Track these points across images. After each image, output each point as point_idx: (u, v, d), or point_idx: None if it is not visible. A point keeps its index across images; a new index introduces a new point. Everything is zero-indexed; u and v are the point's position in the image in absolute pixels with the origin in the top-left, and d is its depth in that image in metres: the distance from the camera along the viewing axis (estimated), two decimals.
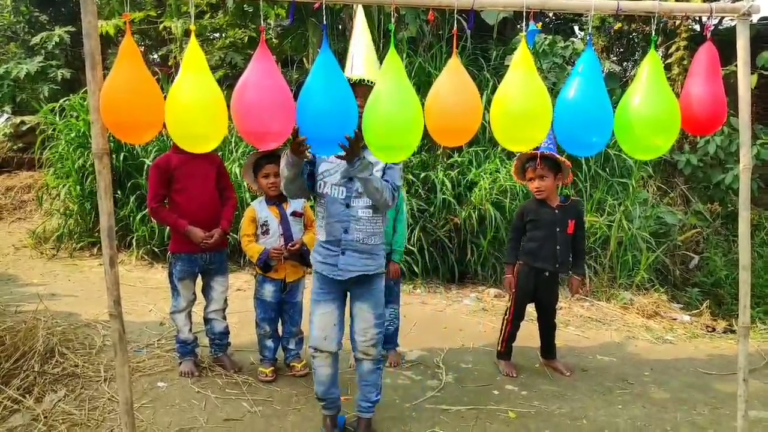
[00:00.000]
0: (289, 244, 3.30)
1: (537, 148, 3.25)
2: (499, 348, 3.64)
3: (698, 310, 4.95)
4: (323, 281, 2.64)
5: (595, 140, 2.31)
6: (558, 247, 3.40)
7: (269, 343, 3.41)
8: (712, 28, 2.60)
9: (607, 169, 5.77)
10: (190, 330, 3.39)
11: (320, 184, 2.60)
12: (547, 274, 3.45)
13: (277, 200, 3.33)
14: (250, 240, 3.33)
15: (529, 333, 3.77)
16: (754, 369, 3.64)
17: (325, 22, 2.19)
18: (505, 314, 3.60)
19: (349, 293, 2.69)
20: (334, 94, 2.16)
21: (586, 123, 2.27)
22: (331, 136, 2.22)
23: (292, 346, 3.51)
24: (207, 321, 3.46)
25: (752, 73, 5.74)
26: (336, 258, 2.58)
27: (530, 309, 3.66)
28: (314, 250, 2.69)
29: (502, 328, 3.61)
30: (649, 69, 2.36)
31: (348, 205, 2.56)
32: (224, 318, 3.48)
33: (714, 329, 4.57)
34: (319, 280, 2.65)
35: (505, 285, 3.58)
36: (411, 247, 5.25)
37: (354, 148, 2.32)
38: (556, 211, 3.40)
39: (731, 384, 3.32)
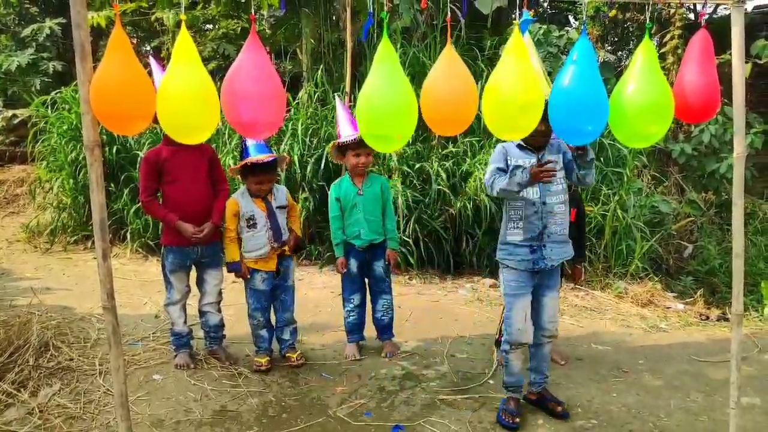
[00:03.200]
0: (288, 245, 3.34)
1: None
2: (497, 336, 3.65)
3: (692, 299, 4.98)
4: (521, 276, 2.84)
5: (590, 129, 2.30)
6: None
7: (263, 332, 3.41)
8: (706, 15, 2.59)
9: (602, 159, 5.77)
10: (185, 322, 3.38)
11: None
12: None
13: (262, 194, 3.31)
14: (232, 239, 3.29)
15: None
16: (747, 356, 3.66)
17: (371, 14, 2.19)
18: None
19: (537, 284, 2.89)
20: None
21: (582, 111, 2.27)
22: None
23: (286, 336, 3.52)
24: (201, 314, 3.45)
25: (746, 62, 5.74)
26: (539, 251, 2.79)
27: None
28: (508, 252, 2.85)
29: (502, 318, 3.62)
30: (643, 57, 2.35)
31: (544, 203, 2.78)
32: (219, 311, 3.47)
33: (708, 317, 4.59)
34: (515, 275, 2.84)
35: None
36: (406, 238, 5.25)
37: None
38: None
39: (724, 371, 3.35)
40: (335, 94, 5.56)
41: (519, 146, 2.84)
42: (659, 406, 3.09)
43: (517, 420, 2.86)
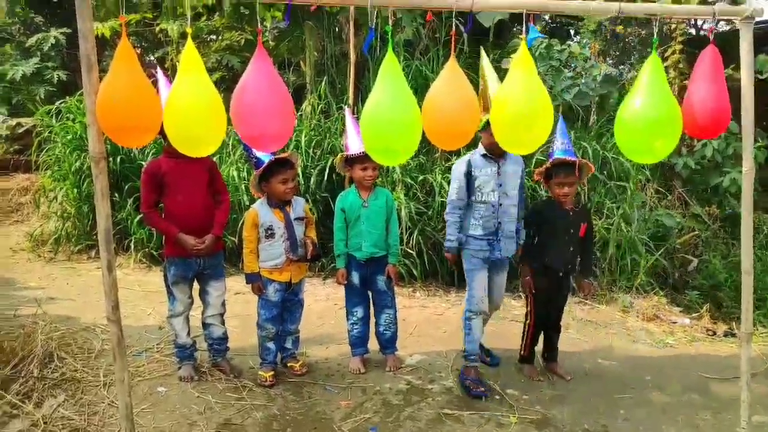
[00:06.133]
0: (309, 253, 3.35)
1: (562, 153, 3.29)
2: (522, 352, 3.64)
3: (698, 313, 4.95)
4: (479, 260, 3.41)
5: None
6: (570, 248, 3.41)
7: (271, 345, 3.39)
8: (714, 30, 2.60)
9: (605, 173, 5.77)
10: (188, 334, 3.36)
11: (479, 194, 3.36)
12: (560, 274, 3.45)
13: (281, 203, 3.31)
14: (252, 250, 3.30)
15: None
16: (756, 373, 3.62)
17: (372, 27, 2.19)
18: (526, 319, 3.60)
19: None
20: None
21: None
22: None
23: (289, 345, 3.51)
24: (205, 326, 3.43)
25: None
26: (494, 244, 3.38)
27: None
28: (469, 242, 3.40)
29: (524, 333, 3.61)
30: (650, 71, 2.35)
31: (500, 204, 3.36)
32: (222, 323, 3.46)
33: (714, 332, 4.56)
34: (474, 258, 3.41)
35: (524, 285, 3.54)
36: (410, 251, 5.24)
37: None
38: (571, 213, 3.40)
39: (733, 387, 3.32)
40: (344, 105, 5.56)
41: (483, 155, 3.39)
42: (667, 423, 3.06)
43: (482, 389, 3.32)
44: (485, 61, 3.29)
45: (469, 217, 3.40)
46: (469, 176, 3.36)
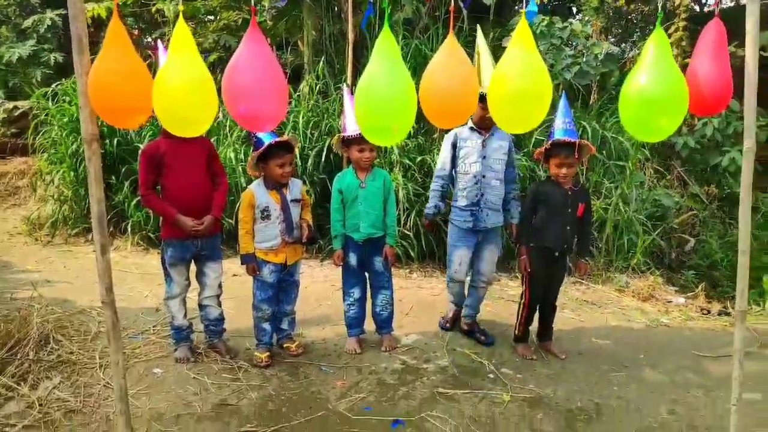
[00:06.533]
0: (305, 236, 3.35)
1: (563, 133, 3.25)
2: (516, 332, 3.65)
3: (693, 293, 4.97)
4: (462, 233, 3.60)
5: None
6: (568, 228, 3.40)
7: (266, 326, 3.40)
8: (720, 4, 2.54)
9: (604, 152, 5.74)
10: (185, 316, 3.38)
11: (462, 165, 3.53)
12: (556, 254, 3.45)
13: (278, 185, 3.30)
14: (248, 231, 3.29)
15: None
16: (748, 351, 3.64)
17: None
18: (521, 298, 3.60)
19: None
20: None
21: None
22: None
23: (285, 326, 3.53)
24: (201, 307, 3.45)
25: None
26: (477, 215, 3.53)
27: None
28: (455, 213, 3.61)
29: (518, 313, 3.61)
30: (656, 46, 2.26)
31: (484, 176, 3.50)
32: (219, 304, 3.47)
33: (709, 311, 4.58)
34: (457, 231, 3.62)
35: (521, 266, 3.55)
36: (407, 232, 5.24)
37: None
38: (569, 193, 3.38)
39: (725, 366, 3.34)
40: (343, 84, 5.51)
41: (471, 128, 3.52)
42: (660, 401, 3.08)
43: (448, 325, 3.89)
44: (480, 39, 3.25)
45: (455, 189, 3.61)
46: (454, 147, 3.58)
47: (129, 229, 5.85)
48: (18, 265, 5.24)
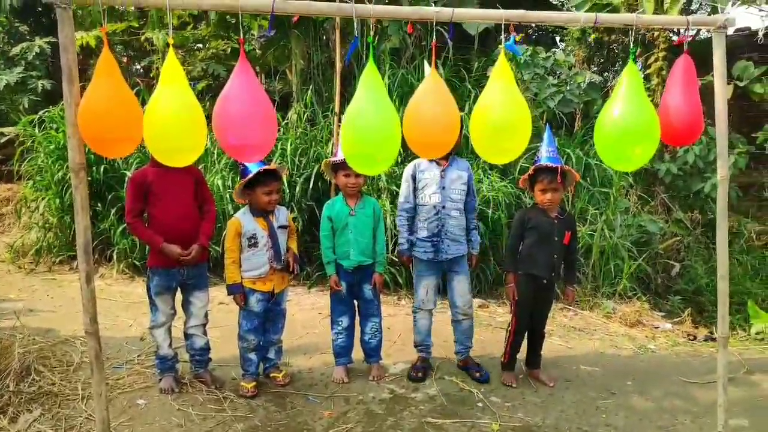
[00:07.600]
0: (291, 266, 3.35)
1: (546, 160, 3.31)
2: (502, 359, 3.64)
3: (680, 318, 5.00)
4: (425, 264, 3.59)
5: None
6: (555, 256, 3.43)
7: (252, 356, 3.37)
8: (689, 39, 2.64)
9: (588, 179, 5.82)
10: (170, 345, 3.33)
11: (421, 196, 3.53)
12: (544, 281, 3.46)
13: (265, 212, 3.30)
14: (234, 260, 3.27)
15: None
16: (734, 376, 3.66)
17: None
18: (508, 326, 3.60)
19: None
20: None
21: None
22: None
23: (271, 355, 3.49)
24: (187, 336, 3.41)
25: (728, 83, 5.83)
26: (438, 245, 3.51)
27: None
28: (417, 246, 3.57)
29: (505, 340, 3.61)
30: (628, 81, 2.39)
31: (444, 207, 3.50)
32: (205, 333, 3.43)
33: (695, 337, 4.61)
34: (422, 263, 3.60)
35: (508, 293, 3.56)
36: (395, 258, 5.24)
37: None
38: (555, 221, 3.42)
39: (712, 392, 3.34)
40: (330, 114, 5.56)
41: (429, 159, 3.50)
42: (648, 428, 3.08)
43: (420, 374, 3.61)
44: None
45: (416, 220, 3.59)
46: (414, 179, 3.58)
47: (114, 257, 5.80)
48: (0, 294, 5.15)
